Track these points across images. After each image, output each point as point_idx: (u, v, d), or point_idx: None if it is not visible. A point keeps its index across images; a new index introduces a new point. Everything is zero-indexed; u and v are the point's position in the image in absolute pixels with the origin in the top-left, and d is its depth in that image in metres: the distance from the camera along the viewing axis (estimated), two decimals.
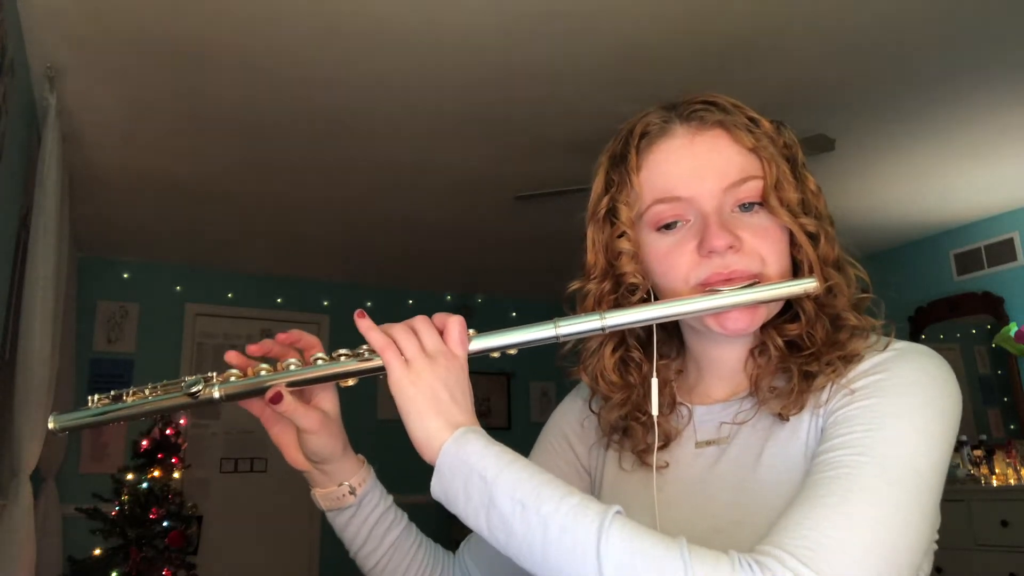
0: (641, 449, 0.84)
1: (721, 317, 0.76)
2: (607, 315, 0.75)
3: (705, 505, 0.77)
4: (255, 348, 0.77)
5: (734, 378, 0.83)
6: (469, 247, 5.04)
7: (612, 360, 0.85)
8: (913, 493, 0.62)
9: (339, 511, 0.84)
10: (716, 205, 0.77)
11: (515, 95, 3.03)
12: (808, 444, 0.73)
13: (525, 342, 0.75)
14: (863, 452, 0.64)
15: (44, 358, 2.64)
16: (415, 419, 0.69)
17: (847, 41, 2.71)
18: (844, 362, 0.74)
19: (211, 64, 2.75)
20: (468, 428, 0.69)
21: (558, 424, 0.97)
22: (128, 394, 0.74)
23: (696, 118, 0.80)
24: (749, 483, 0.75)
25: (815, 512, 0.61)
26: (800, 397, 0.75)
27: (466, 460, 0.66)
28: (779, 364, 0.78)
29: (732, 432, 0.80)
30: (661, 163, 0.80)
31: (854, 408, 0.69)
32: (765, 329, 0.80)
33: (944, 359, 0.74)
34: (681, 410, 0.85)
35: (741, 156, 0.78)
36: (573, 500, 0.62)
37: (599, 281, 0.84)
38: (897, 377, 0.70)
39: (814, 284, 0.75)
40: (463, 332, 0.75)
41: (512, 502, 0.63)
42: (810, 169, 0.84)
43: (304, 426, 0.77)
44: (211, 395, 0.73)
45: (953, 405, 0.70)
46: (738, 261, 0.75)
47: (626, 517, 0.62)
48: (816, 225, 0.78)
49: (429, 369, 0.71)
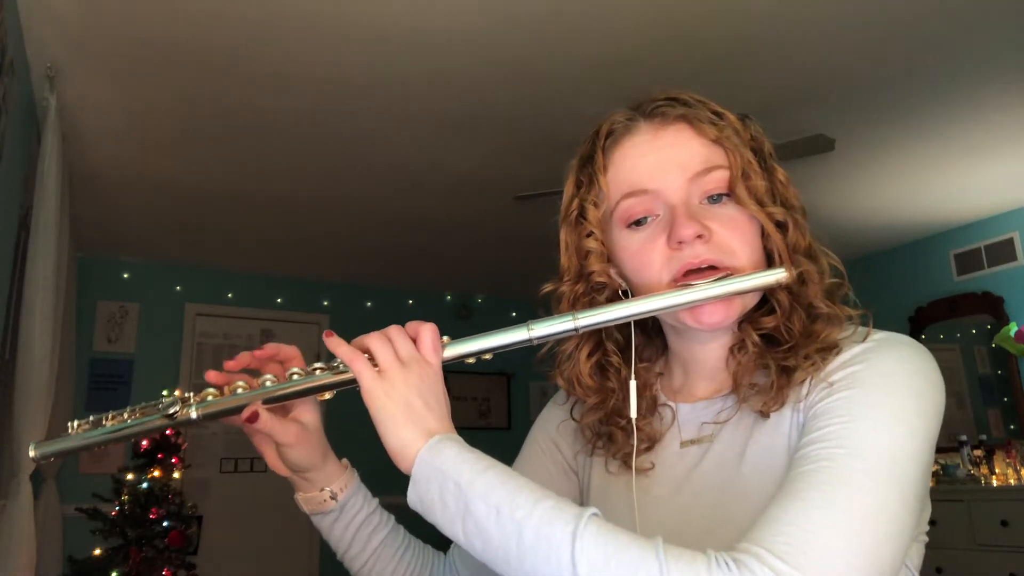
0: (625, 452, 0.84)
1: (696, 311, 0.76)
2: (580, 315, 0.76)
3: (691, 505, 0.77)
4: (232, 363, 0.77)
5: (717, 376, 0.83)
6: (469, 247, 5.04)
7: (588, 365, 0.85)
8: (893, 483, 0.62)
9: (322, 515, 0.84)
10: (683, 196, 0.77)
11: (515, 95, 3.03)
12: (791, 440, 0.73)
13: (499, 347, 0.76)
14: (840, 444, 0.64)
15: (44, 358, 2.63)
16: (389, 429, 0.69)
17: (847, 41, 2.71)
18: (822, 355, 0.73)
19: (211, 64, 2.75)
20: (443, 436, 0.68)
21: (544, 427, 0.97)
22: (107, 418, 0.75)
23: (659, 114, 0.81)
24: (734, 481, 0.75)
25: (793, 507, 0.60)
26: (780, 393, 0.74)
27: (440, 468, 0.66)
28: (758, 360, 0.78)
29: (715, 431, 0.80)
30: (626, 159, 0.81)
31: (832, 400, 0.69)
32: (742, 324, 0.79)
33: (925, 348, 0.73)
34: (664, 411, 0.85)
35: (705, 147, 0.78)
36: (547, 503, 0.62)
37: (572, 283, 0.84)
38: (875, 367, 0.70)
39: (784, 274, 0.75)
40: (436, 339, 0.75)
41: (487, 507, 0.63)
42: (810, 169, 0.84)
43: (281, 440, 0.78)
44: (188, 415, 0.74)
45: (934, 393, 0.69)
46: (708, 251, 0.75)
47: (602, 519, 0.61)
48: (784, 214, 0.78)
49: (401, 377, 0.70)
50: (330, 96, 3.01)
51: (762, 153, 0.81)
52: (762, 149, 0.81)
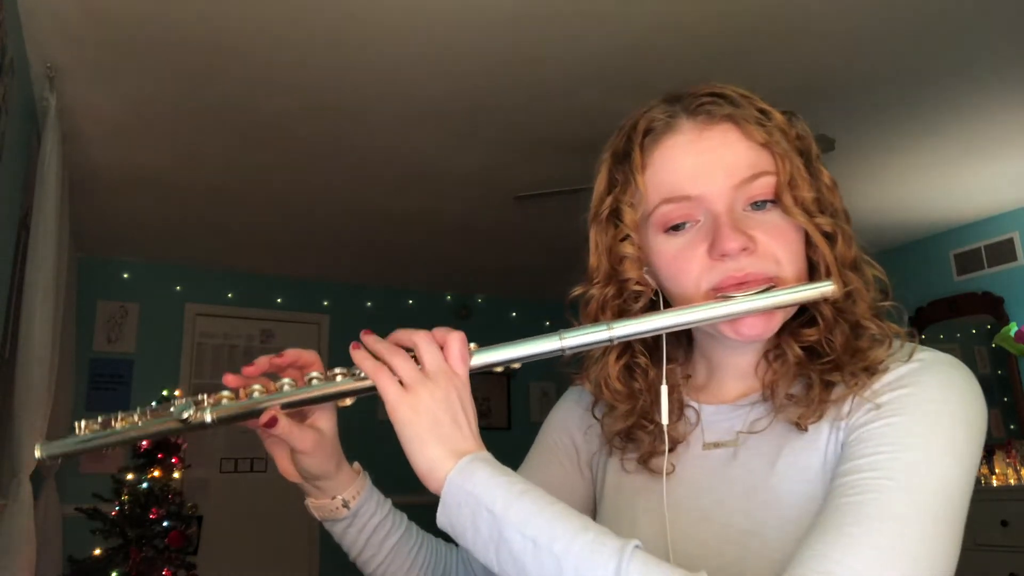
0: (647, 454, 0.81)
1: (736, 323, 0.72)
2: (615, 325, 0.72)
3: (714, 510, 0.74)
4: (251, 369, 0.74)
5: (745, 379, 0.80)
6: (469, 247, 5.04)
7: (617, 367, 0.81)
8: (942, 520, 0.59)
9: (334, 522, 0.82)
10: (727, 204, 0.73)
11: (515, 95, 3.03)
12: (827, 456, 0.70)
13: (529, 356, 0.72)
14: (890, 476, 0.61)
15: (44, 358, 2.63)
16: (416, 448, 0.66)
17: (847, 41, 2.71)
18: (867, 374, 0.70)
19: (211, 64, 2.75)
20: (474, 456, 0.65)
21: (561, 422, 0.94)
22: (117, 419, 0.72)
23: (703, 112, 0.76)
24: (761, 491, 0.72)
25: (840, 542, 0.57)
26: (820, 406, 0.71)
27: (472, 492, 0.63)
28: (797, 371, 0.75)
29: (743, 435, 0.77)
30: (667, 161, 0.76)
31: (879, 426, 0.65)
32: (782, 334, 0.76)
33: (969, 369, 0.70)
34: (689, 412, 0.82)
35: (752, 151, 0.74)
36: (588, 536, 0.59)
37: (602, 286, 0.80)
38: (924, 393, 0.66)
39: (832, 288, 0.71)
40: (464, 348, 0.71)
41: (523, 539, 0.60)
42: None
43: (298, 447, 0.75)
44: (203, 419, 0.71)
45: (980, 420, 0.67)
46: (752, 264, 0.71)
47: (644, 552, 0.58)
48: (832, 224, 0.74)
49: (428, 392, 0.67)
50: (330, 97, 3.01)
51: (808, 155, 0.77)
52: (809, 150, 0.77)
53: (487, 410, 6.15)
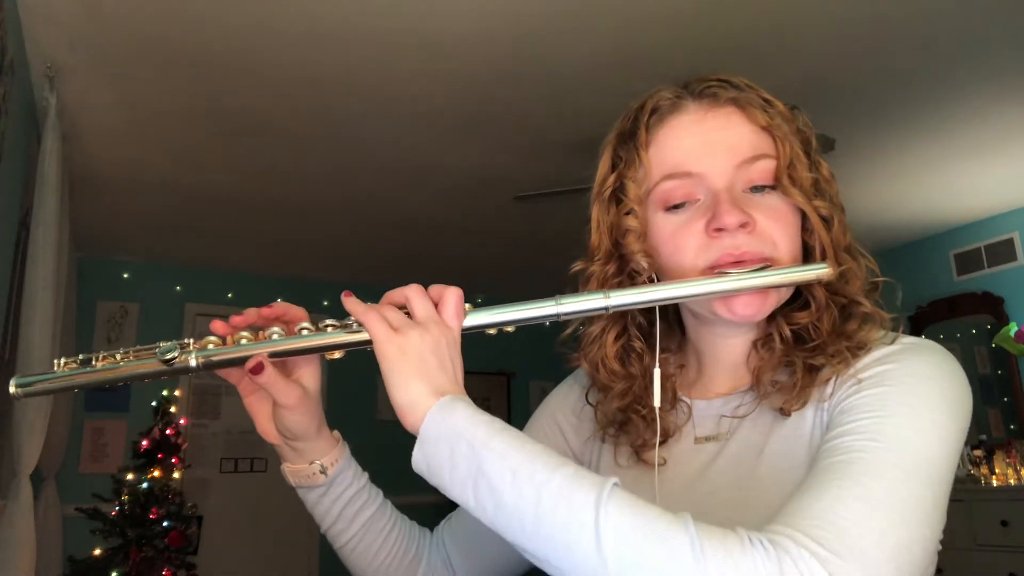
0: (639, 444, 0.81)
1: (730, 301, 0.73)
2: (612, 294, 0.72)
3: (705, 502, 0.75)
4: (239, 319, 0.73)
5: (736, 372, 0.81)
6: (469, 247, 5.04)
7: (615, 348, 0.81)
8: (927, 484, 0.60)
9: (308, 488, 0.81)
10: (727, 182, 0.74)
11: (515, 95, 3.03)
12: (812, 440, 0.71)
13: (525, 319, 0.71)
14: (875, 438, 0.61)
15: (44, 358, 2.63)
16: (399, 382, 0.64)
17: (847, 41, 2.71)
18: (851, 352, 0.71)
19: (211, 64, 2.75)
20: (455, 396, 0.64)
21: (551, 410, 0.94)
22: (98, 358, 0.69)
23: (709, 95, 0.78)
24: (749, 480, 0.73)
25: (828, 494, 0.57)
26: (803, 392, 0.72)
27: (453, 426, 0.62)
28: (783, 357, 0.76)
29: (732, 427, 0.77)
30: (671, 138, 0.77)
31: (863, 396, 0.66)
32: (773, 318, 0.77)
33: (952, 356, 0.72)
34: (681, 406, 0.83)
35: (754, 134, 0.76)
36: (568, 470, 0.58)
37: (603, 263, 0.81)
38: (907, 368, 0.68)
39: (827, 269, 0.72)
40: (459, 304, 0.71)
41: (503, 469, 0.59)
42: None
43: (282, 401, 0.73)
44: (187, 363, 0.69)
45: (965, 401, 0.68)
46: (749, 242, 0.72)
47: (623, 490, 0.58)
48: (829, 209, 0.76)
49: (417, 334, 0.66)
50: (330, 96, 3.01)
51: (809, 146, 0.79)
52: (809, 141, 0.79)
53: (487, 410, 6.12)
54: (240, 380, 0.76)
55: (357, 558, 0.84)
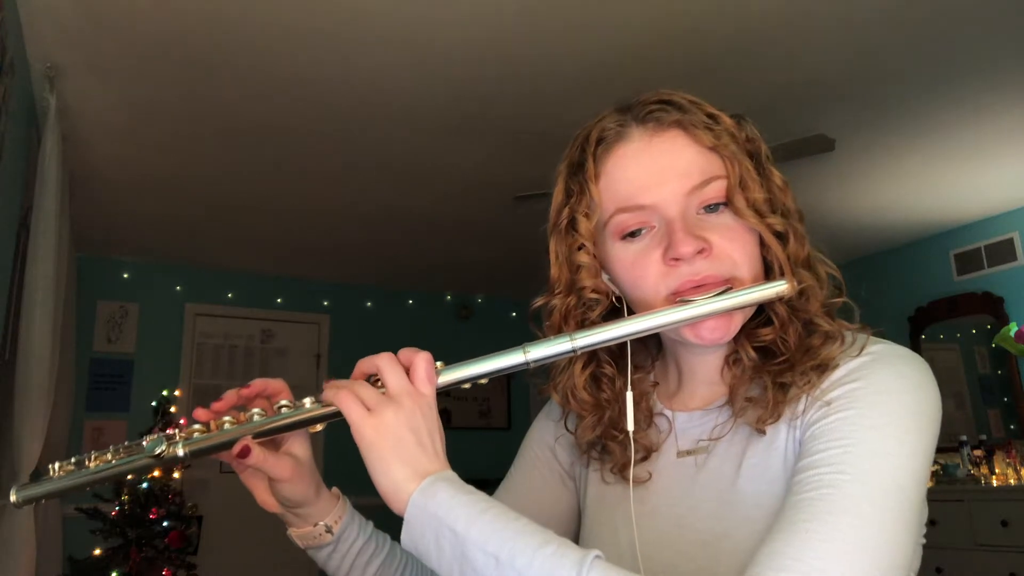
0: (621, 464, 0.82)
1: (697, 327, 0.74)
2: (577, 336, 0.73)
3: (688, 517, 0.76)
4: (219, 404, 0.75)
5: (712, 386, 0.81)
6: (469, 247, 5.04)
7: (582, 378, 0.82)
8: (896, 510, 0.61)
9: (317, 549, 0.82)
10: (680, 210, 0.74)
11: (515, 95, 3.03)
12: (787, 455, 0.71)
13: (495, 371, 0.74)
14: (842, 470, 0.62)
15: (44, 358, 2.63)
16: (379, 470, 0.65)
17: (847, 41, 2.71)
18: (818, 372, 0.71)
19: (210, 64, 2.75)
20: (437, 476, 0.65)
21: (540, 436, 0.95)
22: (91, 459, 0.73)
23: (652, 119, 0.77)
24: (729, 495, 0.74)
25: (797, 540, 0.59)
26: (775, 408, 0.72)
27: (435, 513, 0.63)
28: (753, 373, 0.76)
29: (706, 443, 0.78)
30: (619, 170, 0.77)
31: (831, 421, 0.67)
32: (738, 337, 0.77)
33: (920, 359, 0.72)
34: (661, 421, 0.83)
35: (702, 156, 0.75)
36: (549, 550, 0.59)
37: (564, 296, 0.81)
38: (872, 385, 0.68)
39: (786, 286, 0.72)
40: (430, 368, 0.71)
41: (486, 557, 0.60)
42: (810, 169, 0.82)
43: (275, 476, 0.75)
44: (175, 453, 0.71)
45: (932, 409, 0.68)
46: (709, 266, 0.73)
47: (605, 562, 0.59)
48: (784, 224, 0.75)
49: (392, 412, 0.67)
50: (330, 96, 3.01)
51: (759, 157, 0.78)
52: (759, 152, 0.79)
53: (487, 410, 6.15)
54: (232, 459, 0.77)
55: None
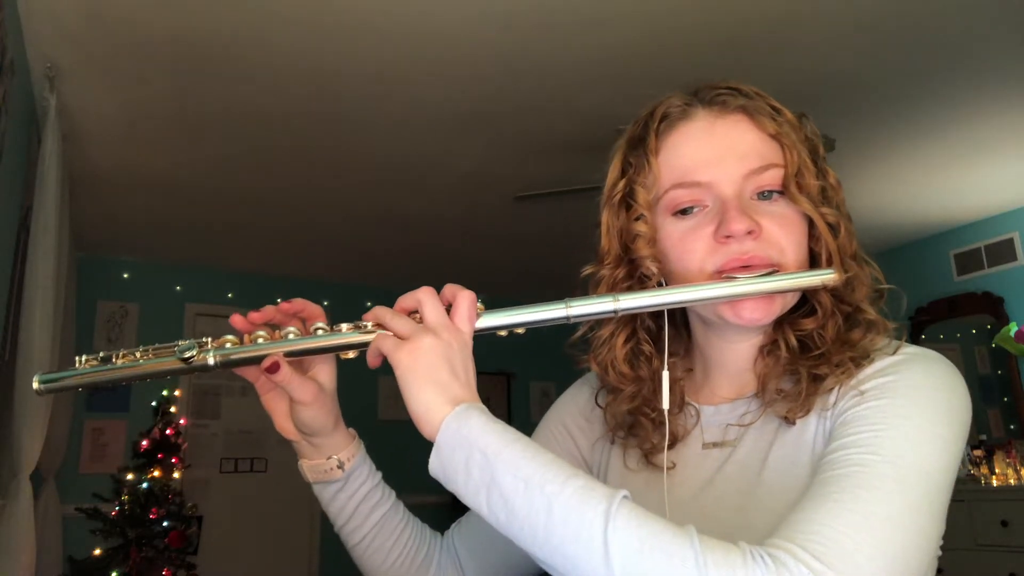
0: (648, 448, 0.82)
1: (737, 306, 0.74)
2: (621, 297, 0.73)
3: (712, 508, 0.76)
4: (257, 315, 0.75)
5: (741, 377, 0.82)
6: (469, 247, 5.04)
7: (624, 351, 0.82)
8: (924, 496, 0.61)
9: (325, 484, 0.82)
10: (736, 191, 0.75)
11: (515, 94, 3.03)
12: (815, 448, 0.71)
13: (535, 321, 0.73)
14: (874, 451, 0.63)
15: (44, 358, 2.63)
16: (414, 392, 0.66)
17: (847, 42, 2.71)
18: (855, 363, 0.72)
19: (211, 63, 2.75)
20: (470, 404, 0.66)
21: (560, 414, 0.95)
22: (118, 356, 0.71)
23: (718, 102, 0.79)
24: (755, 487, 0.74)
25: (826, 507, 0.59)
26: (807, 400, 0.73)
27: (467, 436, 0.63)
28: (787, 365, 0.76)
29: (739, 434, 0.78)
30: (680, 146, 0.78)
31: (864, 408, 0.67)
32: (779, 325, 0.78)
33: (954, 365, 0.72)
34: (689, 410, 0.84)
35: (763, 142, 0.77)
36: (579, 481, 0.60)
37: (613, 267, 0.82)
38: (908, 379, 0.68)
39: (834, 275, 0.73)
40: (472, 307, 0.72)
41: (515, 480, 0.60)
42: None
43: (298, 397, 0.75)
44: (205, 361, 0.71)
45: (964, 411, 0.69)
46: (756, 248, 0.73)
47: (633, 503, 0.59)
48: (836, 216, 0.77)
49: (428, 342, 0.68)
50: (330, 96, 3.01)
51: (816, 153, 0.80)
52: (816, 150, 0.80)
53: None
54: (257, 378, 0.78)
55: (370, 557, 0.85)
